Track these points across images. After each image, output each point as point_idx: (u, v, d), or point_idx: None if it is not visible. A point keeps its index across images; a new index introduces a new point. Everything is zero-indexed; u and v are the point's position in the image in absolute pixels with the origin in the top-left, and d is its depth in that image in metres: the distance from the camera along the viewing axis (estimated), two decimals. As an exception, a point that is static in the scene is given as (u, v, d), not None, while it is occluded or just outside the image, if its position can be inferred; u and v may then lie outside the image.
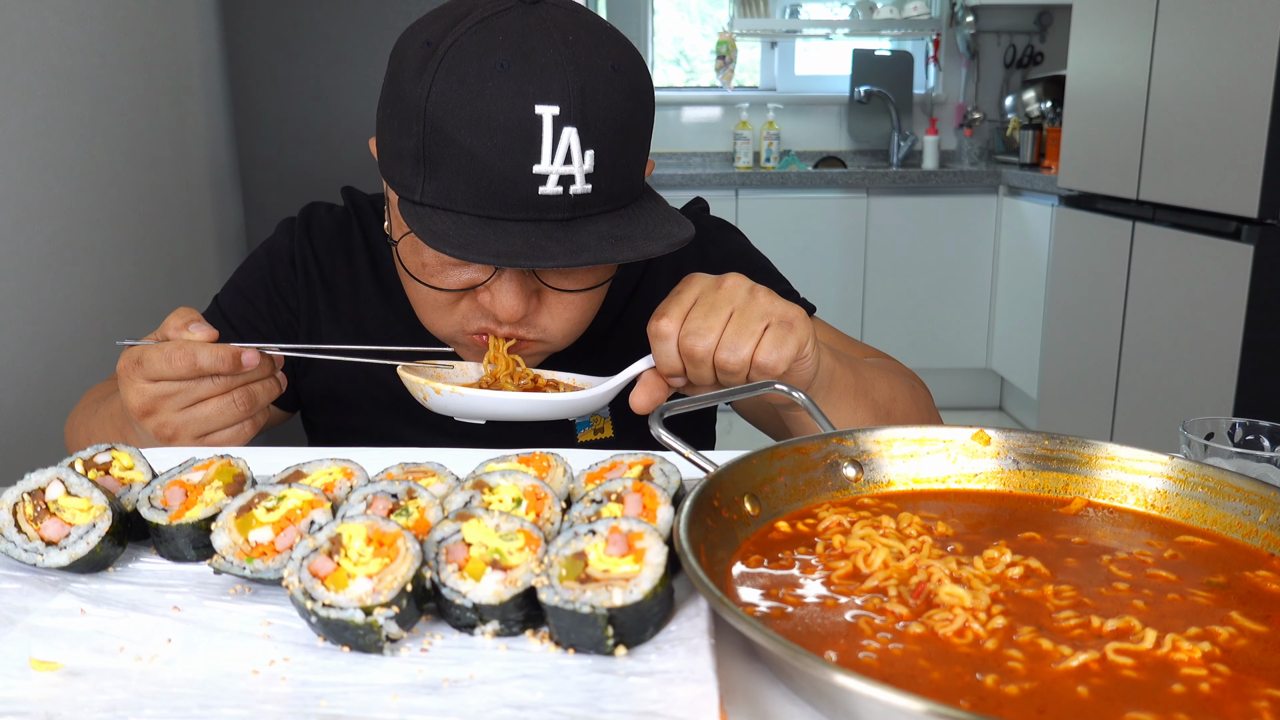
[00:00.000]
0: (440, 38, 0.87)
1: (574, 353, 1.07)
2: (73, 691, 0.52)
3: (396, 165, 0.90)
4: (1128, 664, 0.53)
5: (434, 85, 0.85)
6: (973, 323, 4.27)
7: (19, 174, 1.57)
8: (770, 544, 0.67)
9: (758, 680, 0.55)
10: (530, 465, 0.72)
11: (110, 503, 0.67)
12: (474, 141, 0.84)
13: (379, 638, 0.55)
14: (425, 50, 0.87)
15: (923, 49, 4.76)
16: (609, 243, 0.87)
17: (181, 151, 2.19)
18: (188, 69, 2.25)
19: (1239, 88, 2.47)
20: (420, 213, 0.87)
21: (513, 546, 0.59)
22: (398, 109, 0.89)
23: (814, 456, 0.75)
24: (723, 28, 4.73)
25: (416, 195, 0.88)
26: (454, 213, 0.87)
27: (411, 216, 0.88)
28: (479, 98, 0.84)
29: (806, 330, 0.91)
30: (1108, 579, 0.63)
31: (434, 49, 0.86)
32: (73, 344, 1.70)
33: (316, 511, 0.65)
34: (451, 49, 0.85)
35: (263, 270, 1.15)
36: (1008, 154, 4.54)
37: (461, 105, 0.84)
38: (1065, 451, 0.76)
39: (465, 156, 0.85)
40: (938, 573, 0.60)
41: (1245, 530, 0.69)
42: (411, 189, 0.89)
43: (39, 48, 1.63)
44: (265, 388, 0.91)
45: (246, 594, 0.63)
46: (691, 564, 0.55)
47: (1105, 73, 3.14)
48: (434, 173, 0.87)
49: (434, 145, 0.86)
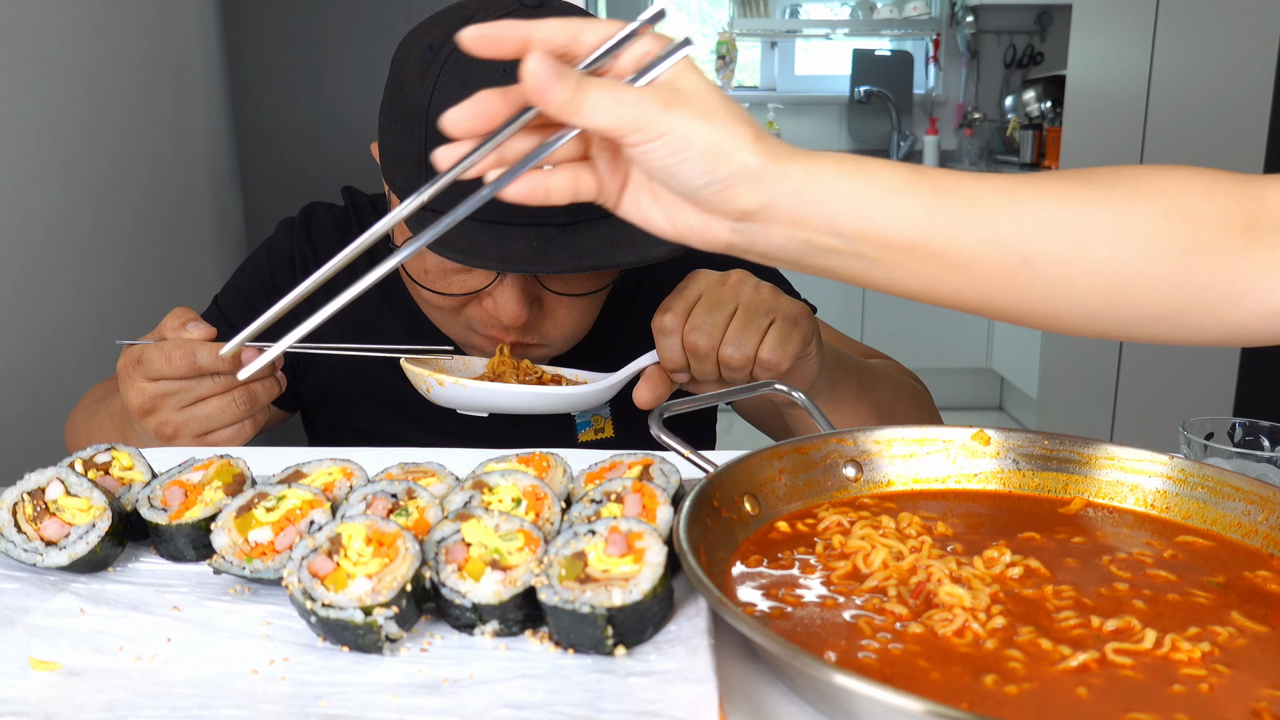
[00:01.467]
0: (443, 42, 0.87)
1: (575, 352, 1.07)
2: (72, 691, 0.52)
3: (398, 169, 0.90)
4: (1127, 664, 0.53)
5: (436, 89, 0.85)
6: (972, 323, 4.27)
7: (18, 174, 1.57)
8: (770, 544, 0.67)
9: (757, 680, 0.55)
10: (530, 465, 0.72)
11: (110, 503, 0.67)
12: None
13: (379, 638, 0.55)
14: (428, 54, 0.87)
15: (923, 49, 4.76)
16: (611, 247, 0.87)
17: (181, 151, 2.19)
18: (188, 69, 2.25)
19: (1239, 88, 2.47)
20: (422, 217, 0.87)
21: (512, 546, 0.59)
22: (400, 113, 0.89)
23: (814, 456, 0.75)
24: (723, 28, 4.73)
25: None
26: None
27: (413, 221, 0.88)
28: None
29: (811, 328, 0.91)
30: (1107, 579, 0.63)
31: (436, 53, 0.86)
32: (73, 344, 1.70)
33: (316, 511, 0.65)
34: (454, 53, 0.85)
35: (262, 270, 1.15)
36: (1008, 154, 4.54)
37: None
38: (1065, 451, 0.76)
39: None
40: (937, 573, 0.60)
41: (1245, 530, 0.69)
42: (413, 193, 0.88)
43: (39, 48, 1.63)
44: (265, 387, 0.91)
45: (246, 594, 0.63)
46: (691, 564, 0.55)
47: (1105, 73, 3.14)
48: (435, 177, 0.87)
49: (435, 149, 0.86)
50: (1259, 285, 0.58)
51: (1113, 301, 0.59)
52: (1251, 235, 0.58)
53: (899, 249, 0.57)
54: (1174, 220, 0.58)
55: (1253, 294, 0.58)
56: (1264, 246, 0.58)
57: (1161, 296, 0.59)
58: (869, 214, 0.57)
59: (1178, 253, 0.58)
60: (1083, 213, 0.58)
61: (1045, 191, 0.59)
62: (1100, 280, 0.58)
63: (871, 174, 0.58)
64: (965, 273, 0.58)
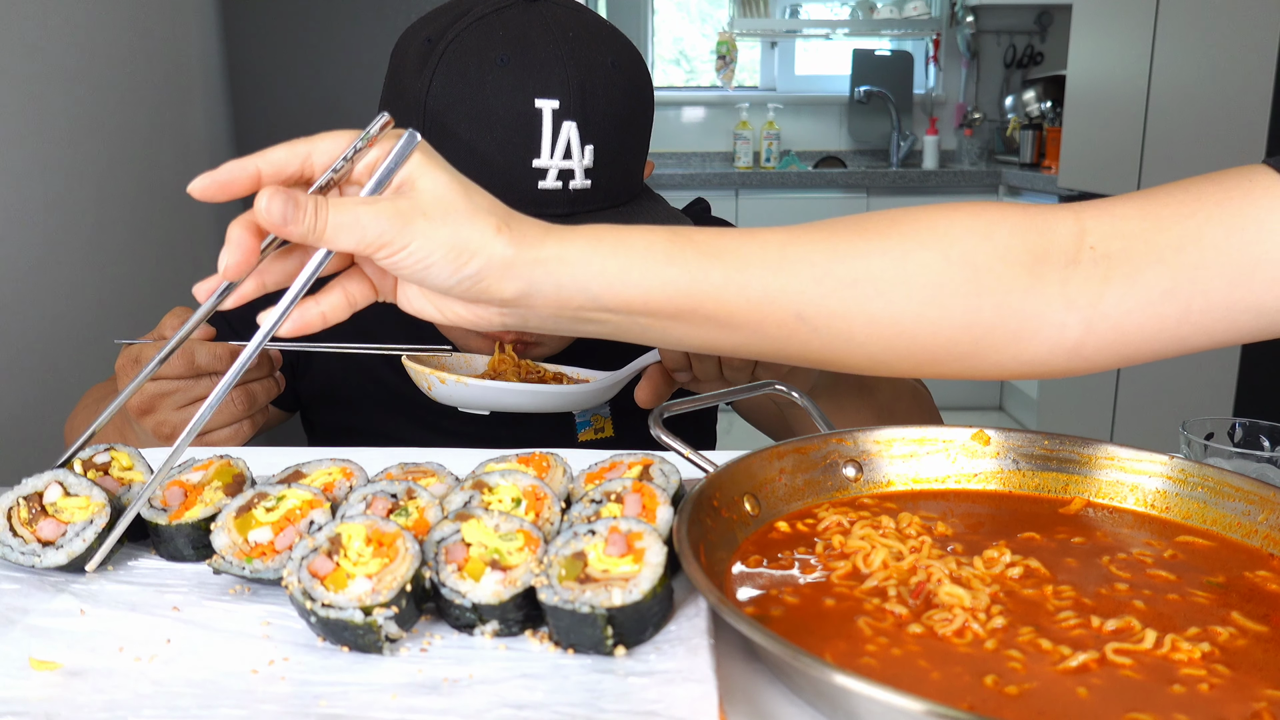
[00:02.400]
0: (440, 34, 0.87)
1: (576, 350, 1.07)
2: (72, 692, 0.52)
3: None
4: (1127, 664, 0.53)
5: (434, 80, 0.85)
6: (973, 323, 4.27)
7: (18, 174, 1.56)
8: (770, 544, 0.67)
9: (757, 680, 0.55)
10: (530, 465, 0.72)
11: (110, 501, 0.67)
12: (474, 135, 0.84)
13: (378, 638, 0.55)
14: (425, 47, 0.87)
15: (923, 49, 4.76)
16: None
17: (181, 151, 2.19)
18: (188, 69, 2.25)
19: (1239, 88, 2.47)
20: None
21: (512, 546, 0.59)
22: (398, 105, 0.89)
23: (814, 456, 0.74)
24: (723, 28, 4.73)
25: None
26: None
27: None
28: (479, 92, 0.84)
29: None
30: (1107, 579, 0.63)
31: (434, 45, 0.86)
32: (72, 344, 1.70)
33: (316, 511, 0.65)
34: (452, 45, 0.85)
35: (262, 270, 1.15)
36: (1008, 154, 4.54)
37: (461, 99, 0.84)
38: (1065, 451, 0.76)
39: (465, 150, 0.85)
40: (937, 573, 0.60)
41: (1245, 530, 0.69)
42: None
43: (38, 47, 1.63)
44: (264, 387, 0.91)
45: (246, 594, 0.63)
46: (691, 564, 0.55)
47: (1105, 73, 3.14)
48: None
49: (433, 139, 0.86)
50: (1050, 320, 0.57)
51: (896, 349, 0.59)
52: (1038, 270, 0.57)
53: (669, 315, 0.58)
54: (953, 265, 0.57)
55: (1045, 329, 0.58)
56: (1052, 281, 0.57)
57: (949, 339, 0.58)
58: (630, 286, 0.57)
59: (960, 297, 0.57)
60: (856, 265, 0.58)
61: (816, 246, 0.58)
62: (880, 329, 0.58)
63: (630, 246, 0.57)
64: (742, 331, 0.58)
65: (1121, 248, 0.58)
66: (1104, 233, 0.58)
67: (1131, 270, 0.57)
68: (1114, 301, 0.57)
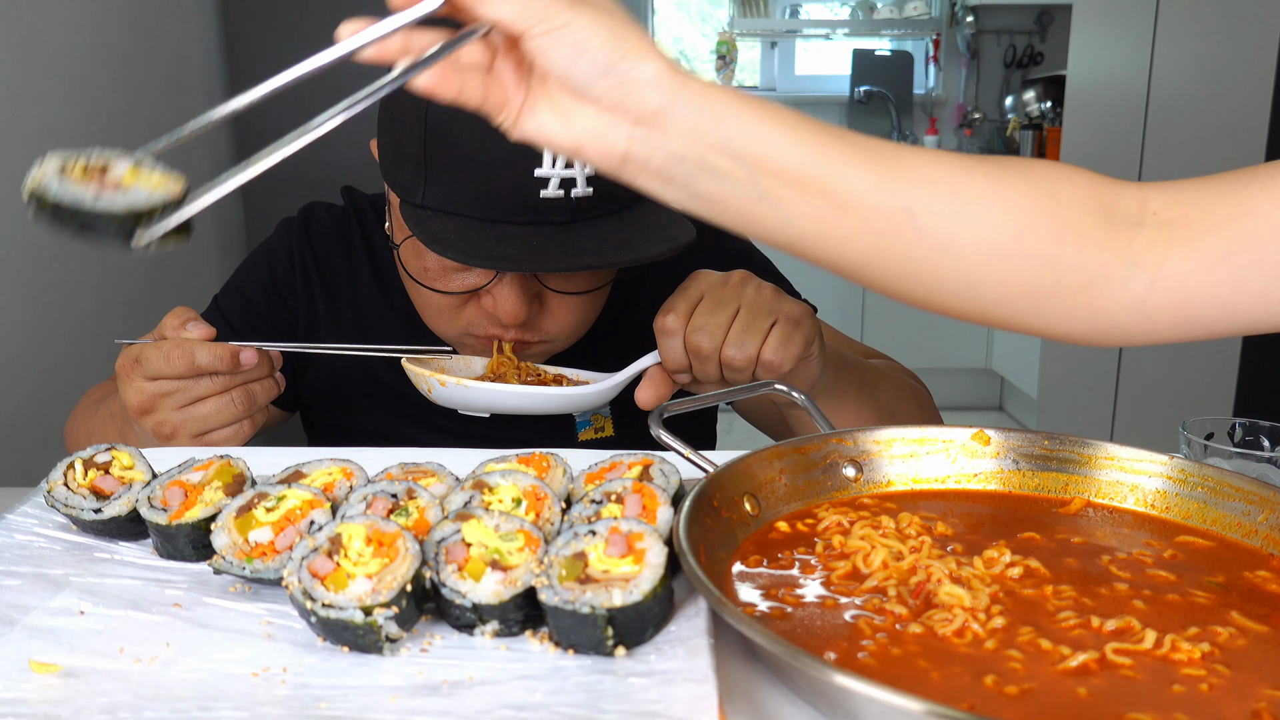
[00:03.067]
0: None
1: (576, 351, 1.07)
2: (72, 693, 0.52)
3: (398, 168, 0.90)
4: (1127, 664, 0.53)
5: None
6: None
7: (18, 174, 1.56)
8: (770, 544, 0.67)
9: (757, 680, 0.55)
10: (530, 465, 0.72)
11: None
12: (475, 144, 0.84)
13: (379, 638, 0.55)
14: None
15: (923, 49, 4.76)
16: (610, 246, 0.87)
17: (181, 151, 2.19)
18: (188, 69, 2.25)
19: (1239, 88, 2.47)
20: (421, 216, 0.87)
21: (512, 547, 0.59)
22: (399, 111, 0.89)
23: (814, 456, 0.75)
24: (723, 28, 4.73)
25: (418, 198, 0.88)
26: (455, 216, 0.87)
27: (413, 220, 0.88)
28: None
29: (813, 328, 0.91)
30: (1107, 579, 0.63)
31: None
32: (73, 344, 1.70)
33: (316, 511, 0.65)
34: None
35: (261, 270, 1.15)
36: (1008, 154, 4.54)
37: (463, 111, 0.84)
38: (1065, 451, 0.76)
39: (467, 160, 0.85)
40: (937, 573, 0.60)
41: (1245, 530, 0.69)
42: (412, 192, 0.89)
43: (38, 47, 1.63)
44: (264, 387, 0.91)
45: (246, 593, 0.63)
46: (691, 564, 0.55)
47: (1105, 73, 3.14)
48: (435, 176, 0.87)
49: (435, 148, 0.86)
50: (1118, 273, 0.60)
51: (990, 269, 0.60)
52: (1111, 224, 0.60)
53: (789, 180, 0.58)
54: (1041, 197, 0.60)
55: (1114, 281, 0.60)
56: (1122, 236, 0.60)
57: (1035, 271, 0.60)
58: (763, 137, 0.57)
59: (1048, 229, 0.59)
60: (961, 177, 0.60)
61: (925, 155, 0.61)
62: (980, 245, 0.59)
63: (765, 105, 0.59)
64: (853, 217, 0.59)
65: (1181, 214, 0.60)
66: (1164, 200, 0.61)
67: (1190, 235, 0.59)
68: (1176, 264, 0.59)
